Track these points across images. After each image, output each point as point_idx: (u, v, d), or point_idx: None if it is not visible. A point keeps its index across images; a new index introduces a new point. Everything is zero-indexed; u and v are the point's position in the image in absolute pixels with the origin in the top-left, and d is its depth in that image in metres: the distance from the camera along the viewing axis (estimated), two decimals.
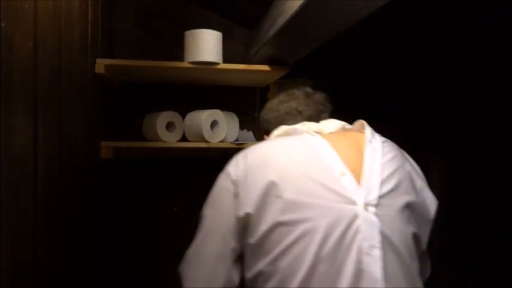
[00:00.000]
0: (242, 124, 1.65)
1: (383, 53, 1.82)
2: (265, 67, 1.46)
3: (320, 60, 1.56)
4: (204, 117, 1.46)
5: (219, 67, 1.43)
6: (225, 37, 1.47)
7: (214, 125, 1.51)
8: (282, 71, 1.49)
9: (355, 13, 0.98)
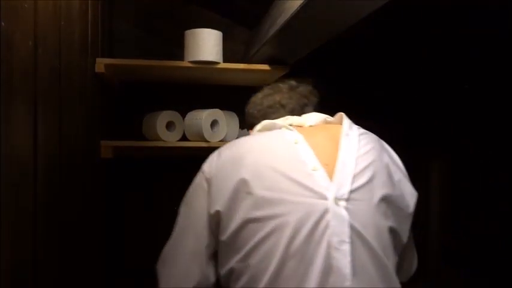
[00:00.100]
0: (242, 123, 1.65)
1: (383, 53, 1.82)
2: (265, 67, 1.46)
3: (320, 60, 1.55)
4: (204, 116, 1.46)
5: (219, 66, 1.43)
6: (225, 37, 1.47)
7: (214, 125, 1.51)
8: (282, 71, 1.49)
9: (355, 13, 0.98)
